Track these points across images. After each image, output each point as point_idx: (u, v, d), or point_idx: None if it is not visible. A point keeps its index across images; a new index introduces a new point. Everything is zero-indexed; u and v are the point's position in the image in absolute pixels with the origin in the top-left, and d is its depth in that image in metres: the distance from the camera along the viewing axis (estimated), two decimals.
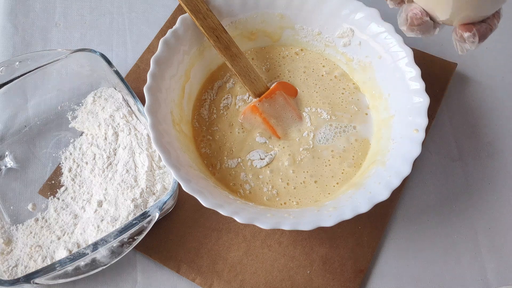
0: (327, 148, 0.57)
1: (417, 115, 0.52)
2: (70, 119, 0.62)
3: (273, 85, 0.59)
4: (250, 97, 0.59)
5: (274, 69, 0.62)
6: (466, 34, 0.42)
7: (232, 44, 0.57)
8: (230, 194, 0.52)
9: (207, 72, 0.61)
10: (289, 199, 0.54)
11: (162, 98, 0.52)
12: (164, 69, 0.53)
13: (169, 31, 0.54)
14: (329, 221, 0.46)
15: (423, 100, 0.52)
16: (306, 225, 0.46)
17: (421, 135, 0.50)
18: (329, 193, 0.54)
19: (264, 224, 0.45)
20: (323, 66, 0.62)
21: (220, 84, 0.61)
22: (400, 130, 0.53)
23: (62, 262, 0.48)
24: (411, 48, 0.54)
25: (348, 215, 0.46)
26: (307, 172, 0.55)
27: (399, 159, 0.50)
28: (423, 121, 0.51)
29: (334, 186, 0.55)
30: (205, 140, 0.57)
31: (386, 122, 0.56)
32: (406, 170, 0.48)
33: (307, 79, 0.61)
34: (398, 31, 0.55)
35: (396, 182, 0.48)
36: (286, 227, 0.45)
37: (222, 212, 0.45)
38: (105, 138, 0.59)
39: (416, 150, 0.49)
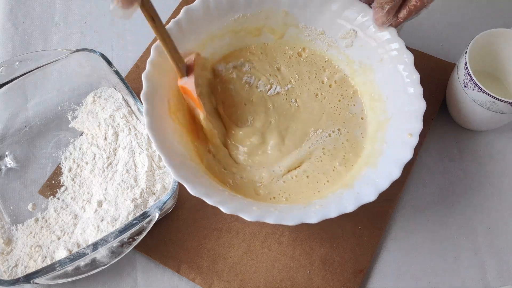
0: (317, 148, 0.56)
1: (413, 119, 0.51)
2: (70, 119, 0.62)
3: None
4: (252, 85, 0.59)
5: (279, 69, 0.61)
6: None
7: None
8: (220, 185, 0.52)
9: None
10: (279, 194, 0.53)
11: (159, 85, 0.51)
12: (164, 58, 0.52)
13: (172, 21, 0.53)
14: (313, 218, 0.45)
15: (420, 106, 0.52)
16: (290, 220, 0.45)
17: (415, 140, 0.50)
18: (319, 191, 0.54)
19: (248, 215, 0.45)
20: (324, 71, 0.61)
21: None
22: (395, 134, 0.53)
23: (62, 262, 0.48)
24: (412, 50, 0.54)
25: (333, 213, 0.46)
26: (299, 167, 0.55)
27: (390, 162, 0.50)
28: (418, 126, 0.51)
29: (324, 183, 0.54)
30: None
31: (382, 125, 0.55)
32: (395, 173, 0.48)
33: (309, 88, 0.60)
34: (400, 35, 0.55)
35: (384, 185, 0.48)
36: (270, 220, 0.45)
37: (208, 201, 0.45)
38: (105, 138, 0.59)
39: (408, 155, 0.49)
